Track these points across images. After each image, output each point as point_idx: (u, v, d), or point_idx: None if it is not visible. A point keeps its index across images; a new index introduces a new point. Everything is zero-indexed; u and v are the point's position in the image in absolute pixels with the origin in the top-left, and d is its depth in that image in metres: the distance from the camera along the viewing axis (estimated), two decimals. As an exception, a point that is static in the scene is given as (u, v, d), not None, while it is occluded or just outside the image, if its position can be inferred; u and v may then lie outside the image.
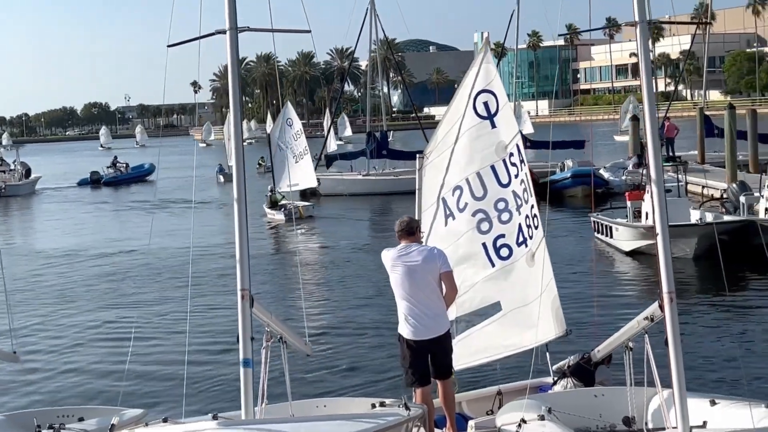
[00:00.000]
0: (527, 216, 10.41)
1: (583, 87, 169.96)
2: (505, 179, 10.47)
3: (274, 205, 40.30)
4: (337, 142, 74.01)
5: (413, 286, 9.16)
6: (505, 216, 10.48)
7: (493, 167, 10.48)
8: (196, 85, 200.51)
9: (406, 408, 8.09)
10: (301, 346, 9.78)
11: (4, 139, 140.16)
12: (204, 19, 8.31)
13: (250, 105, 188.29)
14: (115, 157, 73.69)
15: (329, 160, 53.42)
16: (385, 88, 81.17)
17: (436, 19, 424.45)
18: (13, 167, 64.76)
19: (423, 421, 8.74)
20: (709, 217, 24.41)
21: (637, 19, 7.72)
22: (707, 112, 48.29)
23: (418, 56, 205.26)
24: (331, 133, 66.68)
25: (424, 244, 9.89)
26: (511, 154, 10.44)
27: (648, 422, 8.43)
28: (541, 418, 8.19)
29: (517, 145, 10.51)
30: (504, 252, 10.54)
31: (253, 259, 8.03)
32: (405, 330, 9.26)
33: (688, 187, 28.28)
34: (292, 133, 40.10)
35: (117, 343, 18.55)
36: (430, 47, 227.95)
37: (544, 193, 10.98)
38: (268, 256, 29.89)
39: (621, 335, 8.87)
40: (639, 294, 21.54)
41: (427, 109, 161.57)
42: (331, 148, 63.59)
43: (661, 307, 7.60)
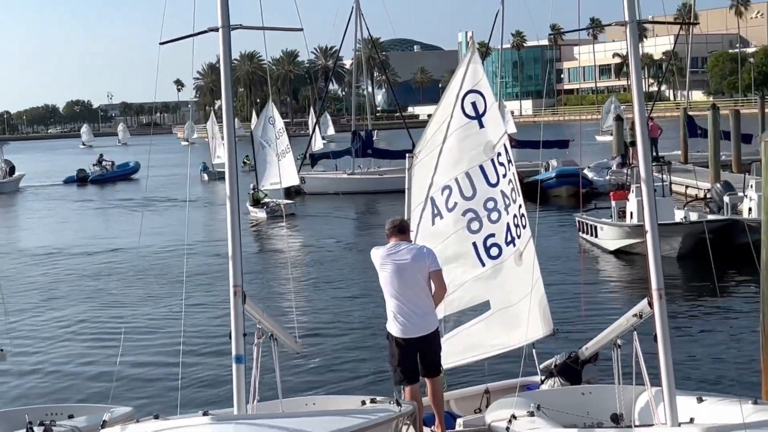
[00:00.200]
0: (515, 215, 10.46)
1: (567, 87, 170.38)
2: (493, 179, 10.52)
3: (257, 203, 40.33)
4: (323, 141, 73.96)
5: (402, 285, 9.19)
6: (494, 215, 10.53)
7: (482, 167, 10.52)
8: (179, 84, 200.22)
9: (398, 404, 8.14)
10: (292, 343, 9.81)
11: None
12: (188, 17, 8.32)
13: (234, 103, 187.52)
14: (101, 155, 73.34)
15: (314, 159, 53.41)
16: (369, 88, 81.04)
17: (420, 19, 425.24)
18: (-3, 165, 64.55)
19: (413, 419, 8.79)
20: (694, 217, 24.58)
21: (627, 19, 7.79)
22: (690, 113, 48.49)
23: (403, 55, 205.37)
24: (316, 131, 66.64)
25: (414, 243, 9.94)
26: (499, 154, 10.50)
27: (635, 419, 8.51)
28: (531, 415, 8.26)
29: (505, 145, 10.57)
30: (494, 251, 10.59)
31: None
32: (394, 328, 9.29)
33: (672, 187, 28.42)
34: (275, 132, 40.15)
35: (105, 342, 18.50)
36: (415, 47, 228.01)
37: (529, 193, 11.03)
38: (252, 254, 29.88)
39: (609, 332, 8.91)
40: (625, 292, 21.68)
41: (412, 109, 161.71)
42: (317, 146, 63.58)
43: (651, 303, 7.66)
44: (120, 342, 16.17)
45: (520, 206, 10.46)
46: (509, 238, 10.52)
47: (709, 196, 28.10)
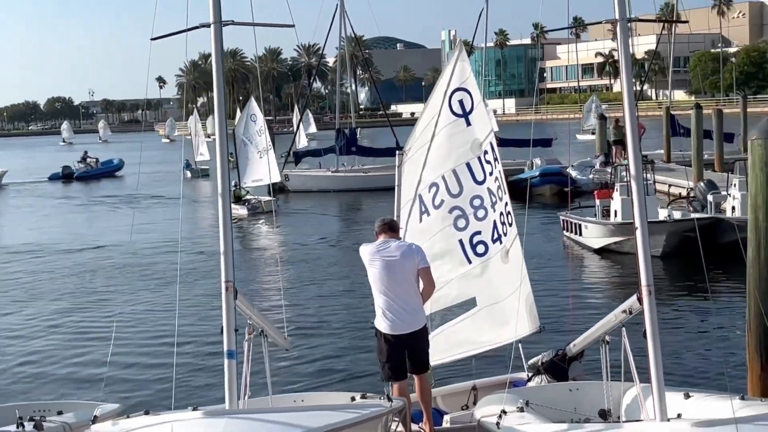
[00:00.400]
0: (502, 213, 10.51)
1: (549, 86, 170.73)
2: (480, 176, 10.57)
3: (238, 200, 40.25)
4: (308, 139, 73.93)
5: (391, 281, 9.22)
6: (481, 213, 10.57)
7: (469, 164, 10.58)
8: (161, 81, 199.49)
9: (388, 399, 8.17)
10: (281, 340, 9.82)
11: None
12: (173, 14, 8.29)
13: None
14: (86, 152, 72.99)
15: (298, 157, 53.37)
16: (353, 85, 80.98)
17: (403, 17, 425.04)
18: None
19: (402, 415, 8.82)
20: (678, 215, 24.70)
21: (617, 17, 7.84)
22: (672, 112, 48.69)
23: (386, 53, 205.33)
24: (300, 129, 66.55)
25: (402, 240, 9.97)
26: (486, 152, 10.55)
27: (623, 415, 8.56)
28: (520, 410, 8.31)
29: (491, 143, 10.63)
30: (480, 249, 10.64)
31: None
32: (382, 324, 9.31)
33: (656, 186, 28.52)
34: (256, 129, 40.10)
35: (93, 339, 18.46)
36: (398, 45, 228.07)
37: (513, 191, 11.08)
38: (234, 251, 29.76)
39: (598, 329, 8.94)
40: (610, 290, 21.77)
41: (395, 107, 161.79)
42: (301, 144, 63.49)
43: (640, 299, 7.72)
44: (111, 339, 16.08)
45: (507, 204, 10.51)
46: (496, 236, 10.57)
47: (692, 194, 28.23)
